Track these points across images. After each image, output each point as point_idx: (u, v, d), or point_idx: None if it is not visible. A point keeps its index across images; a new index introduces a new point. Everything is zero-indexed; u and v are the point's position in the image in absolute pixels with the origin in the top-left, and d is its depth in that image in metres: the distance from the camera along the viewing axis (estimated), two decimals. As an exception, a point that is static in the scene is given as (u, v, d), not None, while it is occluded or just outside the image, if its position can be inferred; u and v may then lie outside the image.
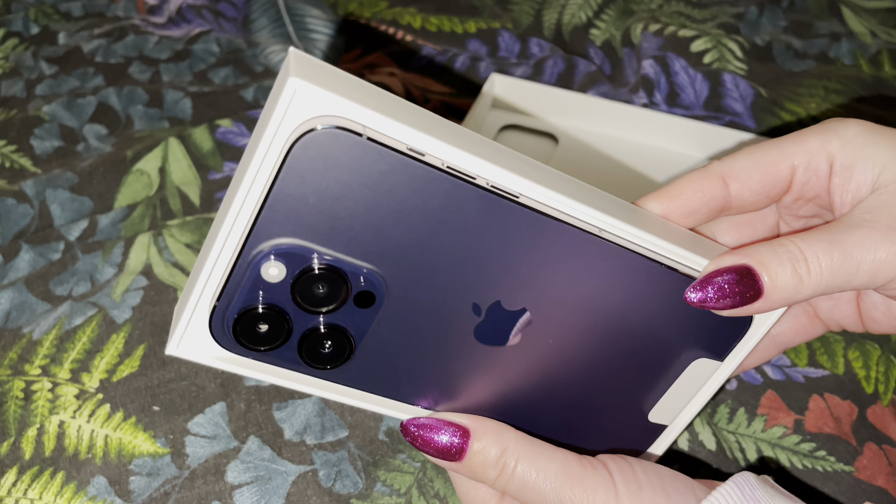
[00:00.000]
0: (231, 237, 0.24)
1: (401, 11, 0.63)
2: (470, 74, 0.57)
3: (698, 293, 0.27)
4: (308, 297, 0.25)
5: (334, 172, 0.23)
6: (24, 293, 0.43)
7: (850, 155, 0.28)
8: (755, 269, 0.26)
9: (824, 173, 0.28)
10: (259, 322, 0.25)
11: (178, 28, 0.61)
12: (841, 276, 0.26)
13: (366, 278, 0.25)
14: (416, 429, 0.29)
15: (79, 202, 0.48)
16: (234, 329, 0.25)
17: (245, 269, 0.24)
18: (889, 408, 0.39)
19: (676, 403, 0.32)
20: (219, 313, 0.25)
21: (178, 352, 0.26)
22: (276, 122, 0.22)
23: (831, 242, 0.26)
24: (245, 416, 0.37)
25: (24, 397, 0.38)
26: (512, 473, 0.28)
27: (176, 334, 0.26)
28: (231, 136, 0.51)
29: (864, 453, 0.37)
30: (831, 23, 0.61)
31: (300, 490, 0.35)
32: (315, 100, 0.22)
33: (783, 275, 0.26)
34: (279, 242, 0.24)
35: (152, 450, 0.36)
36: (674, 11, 0.61)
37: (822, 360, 0.40)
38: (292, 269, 0.24)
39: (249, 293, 0.25)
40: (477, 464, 0.28)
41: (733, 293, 0.27)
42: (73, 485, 0.35)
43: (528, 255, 0.26)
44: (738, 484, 0.27)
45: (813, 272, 0.26)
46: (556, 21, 0.62)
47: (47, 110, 0.53)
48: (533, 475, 0.27)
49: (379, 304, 0.26)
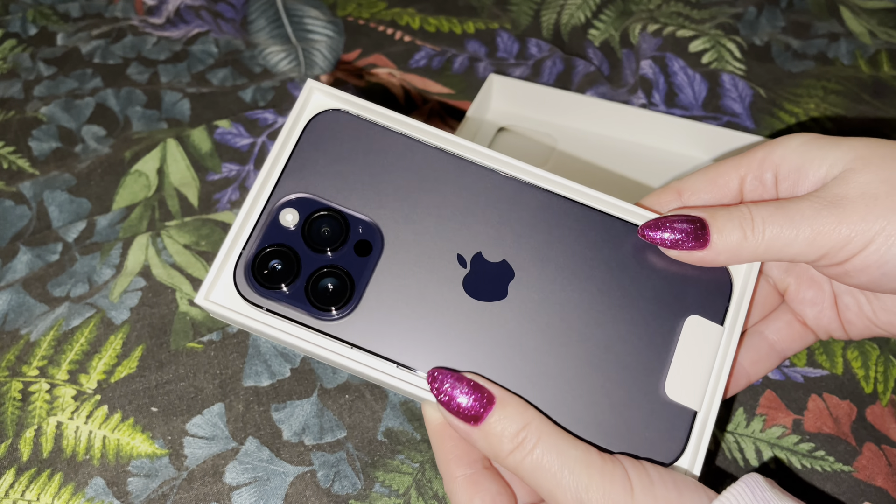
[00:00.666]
0: (260, 196, 0.31)
1: (399, 12, 0.63)
2: (468, 75, 0.57)
3: (652, 229, 0.31)
4: (315, 238, 0.31)
5: (339, 143, 0.31)
6: (21, 295, 0.43)
7: (794, 161, 0.30)
8: (707, 221, 0.30)
9: (770, 182, 0.31)
10: (274, 260, 0.30)
11: (177, 29, 0.61)
12: (780, 239, 0.29)
13: (364, 227, 0.31)
14: (442, 378, 0.29)
15: (77, 203, 0.48)
16: (252, 266, 0.30)
17: (267, 218, 0.31)
18: (888, 408, 0.39)
19: (695, 380, 0.31)
20: (242, 259, 0.30)
21: (205, 303, 0.30)
22: (296, 110, 0.32)
23: (777, 208, 0.29)
24: (243, 418, 0.37)
25: (22, 398, 0.38)
26: (530, 451, 0.27)
27: (204, 286, 0.30)
28: (229, 137, 0.51)
29: (863, 453, 0.37)
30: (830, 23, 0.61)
31: (298, 491, 0.35)
32: (325, 94, 0.33)
33: (730, 231, 0.29)
34: (297, 193, 0.31)
35: (150, 451, 0.36)
36: (672, 12, 0.61)
37: (821, 359, 0.40)
38: (303, 215, 0.31)
39: (268, 236, 0.31)
40: (494, 433, 0.28)
41: (684, 236, 0.30)
42: (71, 486, 0.35)
43: (500, 212, 0.31)
44: (748, 485, 0.27)
45: (756, 232, 0.29)
46: (554, 21, 0.62)
47: (45, 111, 0.53)
48: (552, 458, 0.27)
49: (377, 254, 0.31)
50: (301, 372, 0.39)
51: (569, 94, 0.52)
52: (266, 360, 0.39)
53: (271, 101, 0.55)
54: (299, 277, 0.30)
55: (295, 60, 0.59)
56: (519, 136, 0.53)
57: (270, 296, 0.30)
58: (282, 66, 0.59)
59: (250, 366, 0.39)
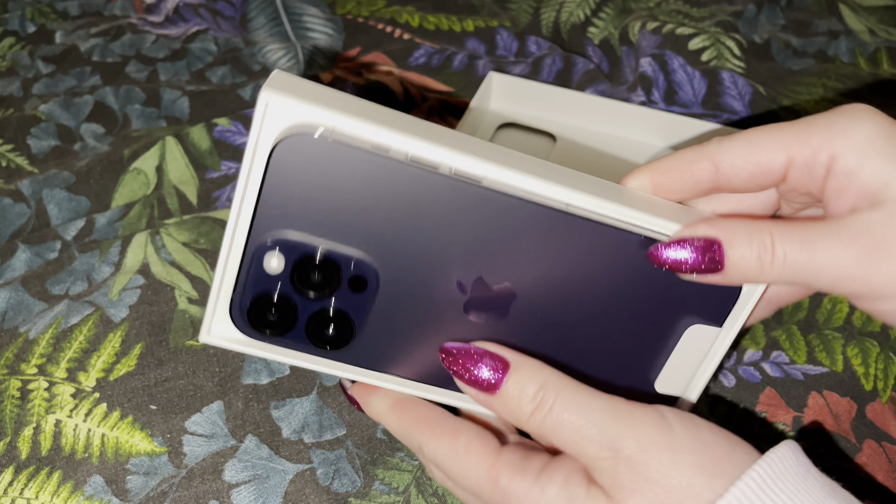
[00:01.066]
0: (237, 234, 0.27)
1: (399, 10, 0.63)
2: (468, 73, 0.57)
3: (662, 253, 0.27)
4: (307, 283, 0.28)
5: (312, 172, 0.26)
6: (20, 293, 0.43)
7: (853, 161, 0.26)
8: (723, 245, 0.27)
9: (820, 175, 0.27)
10: (269, 309, 0.28)
11: (176, 27, 0.61)
12: (801, 276, 0.26)
13: (356, 264, 0.28)
14: (456, 352, 0.28)
15: (76, 201, 0.48)
16: (248, 318, 0.28)
17: (250, 261, 0.27)
18: (888, 405, 0.39)
19: (684, 374, 0.32)
20: (235, 304, 0.28)
21: (210, 339, 0.29)
22: (255, 133, 0.26)
23: (803, 243, 0.26)
24: (243, 415, 0.37)
25: (21, 397, 0.38)
26: (550, 409, 0.26)
27: (205, 324, 0.29)
28: (229, 134, 0.51)
29: (863, 450, 0.37)
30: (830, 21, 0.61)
31: (298, 489, 0.35)
32: (285, 109, 0.25)
33: (747, 258, 0.26)
34: (275, 235, 0.27)
35: (149, 449, 0.36)
36: (672, 9, 0.61)
37: (820, 357, 0.40)
38: (290, 259, 0.27)
39: (256, 284, 0.28)
40: (512, 396, 0.27)
41: (696, 261, 0.27)
42: (70, 484, 0.35)
43: (501, 234, 0.28)
44: (791, 449, 0.25)
45: (776, 264, 0.26)
46: (553, 19, 0.62)
47: (44, 109, 0.53)
48: (572, 413, 0.26)
49: (373, 288, 0.28)
50: (300, 370, 0.39)
51: (568, 92, 0.52)
52: (265, 358, 0.39)
53: (270, 99, 0.55)
54: (297, 324, 0.29)
55: (294, 58, 0.59)
56: (519, 134, 0.53)
57: (271, 340, 0.29)
58: (281, 63, 0.59)
59: (249, 363, 0.39)
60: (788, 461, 0.25)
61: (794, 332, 0.41)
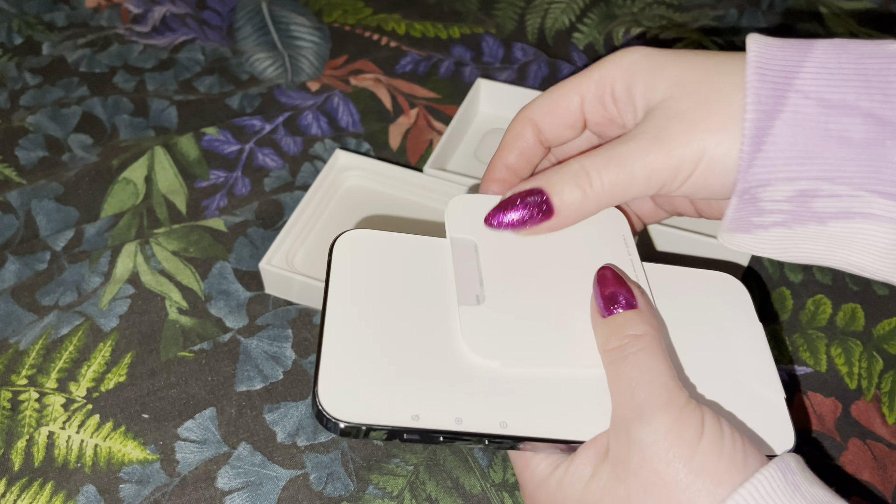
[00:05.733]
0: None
1: (385, 18, 0.63)
2: (454, 80, 0.58)
3: (498, 216, 0.31)
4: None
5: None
6: (10, 304, 0.43)
7: (624, 83, 0.30)
8: (545, 190, 0.30)
9: (609, 101, 0.31)
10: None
11: (163, 37, 0.61)
12: (620, 186, 0.29)
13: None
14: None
15: (64, 212, 0.48)
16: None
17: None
18: (873, 402, 0.39)
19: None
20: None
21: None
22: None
23: (608, 157, 0.29)
24: (236, 422, 0.37)
25: (11, 408, 0.38)
26: (626, 356, 0.27)
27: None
28: (217, 144, 0.51)
29: (848, 448, 0.37)
30: (811, 24, 0.62)
31: (291, 495, 0.35)
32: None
33: (569, 192, 0.30)
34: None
35: (142, 457, 0.36)
36: (655, 14, 0.62)
37: (804, 356, 0.41)
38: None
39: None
40: (616, 324, 0.28)
41: (529, 214, 0.30)
42: (63, 494, 0.35)
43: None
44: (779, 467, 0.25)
45: (595, 186, 0.29)
46: (539, 25, 0.63)
47: (32, 121, 0.53)
48: (638, 371, 0.26)
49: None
50: (293, 374, 0.39)
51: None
52: (258, 365, 0.39)
53: (258, 108, 0.55)
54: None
55: (282, 67, 0.59)
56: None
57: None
58: (268, 72, 0.59)
59: (242, 371, 0.39)
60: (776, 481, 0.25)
61: (777, 332, 0.42)
